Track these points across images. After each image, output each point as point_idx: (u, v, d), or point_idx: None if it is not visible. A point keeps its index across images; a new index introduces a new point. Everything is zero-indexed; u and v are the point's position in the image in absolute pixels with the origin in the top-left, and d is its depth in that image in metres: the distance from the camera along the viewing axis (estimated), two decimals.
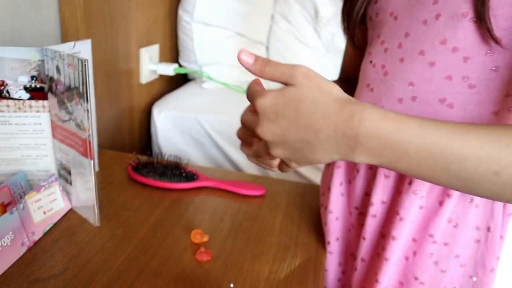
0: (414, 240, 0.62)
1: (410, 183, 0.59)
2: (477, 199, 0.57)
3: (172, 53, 1.59)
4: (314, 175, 1.30)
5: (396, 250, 0.62)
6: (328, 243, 0.72)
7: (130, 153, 0.95)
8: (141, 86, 1.36)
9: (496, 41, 0.48)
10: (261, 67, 0.46)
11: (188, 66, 1.58)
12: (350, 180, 0.68)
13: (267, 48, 1.73)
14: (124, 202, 0.78)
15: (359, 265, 0.68)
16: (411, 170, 0.43)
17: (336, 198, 0.70)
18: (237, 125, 1.35)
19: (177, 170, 0.85)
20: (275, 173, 1.31)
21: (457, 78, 0.53)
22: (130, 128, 1.33)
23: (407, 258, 0.63)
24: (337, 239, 0.72)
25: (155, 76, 1.44)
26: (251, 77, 1.66)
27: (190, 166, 0.89)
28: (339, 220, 0.71)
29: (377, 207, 0.64)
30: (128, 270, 0.60)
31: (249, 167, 1.33)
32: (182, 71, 1.48)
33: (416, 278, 0.63)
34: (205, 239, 0.68)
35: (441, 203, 0.58)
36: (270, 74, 0.45)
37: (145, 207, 0.76)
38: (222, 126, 1.31)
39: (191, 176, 0.85)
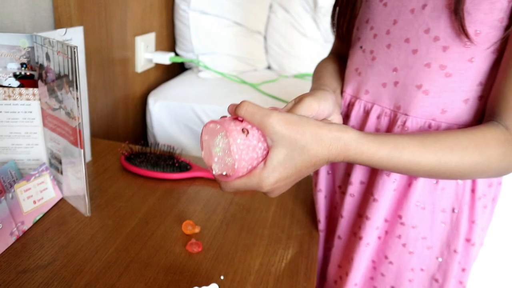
0: (386, 220, 0.65)
1: None
2: (442, 182, 0.60)
3: (169, 41, 1.57)
4: None
5: (370, 230, 0.65)
6: (319, 221, 0.74)
7: (122, 143, 0.94)
8: (137, 75, 1.35)
9: (466, 35, 0.51)
10: (238, 112, 0.48)
11: (185, 55, 1.56)
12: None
13: (265, 38, 1.72)
14: (116, 192, 0.77)
15: (336, 243, 0.72)
16: (392, 170, 0.52)
17: (323, 177, 0.73)
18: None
19: (170, 160, 0.84)
20: None
21: (435, 66, 0.55)
22: (125, 117, 1.32)
23: (379, 238, 0.66)
24: (326, 217, 0.75)
25: (151, 65, 1.42)
26: (248, 67, 1.65)
27: (183, 156, 0.88)
28: (327, 198, 0.74)
29: (355, 187, 0.67)
30: (117, 261, 0.60)
31: None
32: (178, 60, 1.47)
33: (386, 257, 0.66)
34: (197, 230, 0.67)
35: (409, 185, 0.61)
36: (247, 118, 0.48)
37: (137, 198, 0.76)
38: (218, 115, 1.30)
39: (184, 166, 0.84)
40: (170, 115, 1.34)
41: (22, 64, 0.68)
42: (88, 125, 0.85)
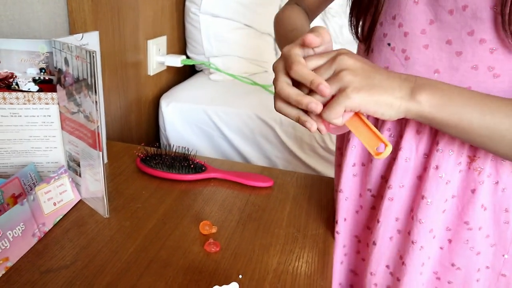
0: (448, 229, 0.63)
1: (436, 168, 0.60)
2: (501, 183, 0.59)
3: (180, 44, 1.59)
4: (322, 167, 1.30)
5: (423, 234, 0.63)
6: (336, 222, 0.73)
7: (138, 145, 0.95)
8: (149, 78, 1.37)
9: (506, 35, 0.50)
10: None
11: (196, 58, 1.58)
12: (363, 163, 0.69)
13: (275, 40, 1.73)
14: (132, 194, 0.78)
15: (370, 249, 0.69)
16: (453, 118, 0.49)
17: (347, 179, 0.71)
18: (246, 117, 1.35)
19: (185, 161, 0.85)
20: (283, 165, 1.31)
21: (483, 68, 0.54)
22: (138, 120, 1.33)
23: (441, 248, 0.65)
24: (345, 219, 0.73)
25: (162, 68, 1.44)
26: (259, 69, 1.66)
27: (198, 157, 0.89)
28: (349, 200, 0.72)
29: (394, 191, 0.65)
30: (137, 261, 0.61)
31: (257, 159, 1.34)
32: (190, 62, 1.48)
33: (453, 265, 0.65)
34: (214, 230, 0.68)
35: (473, 191, 0.60)
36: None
37: (154, 199, 0.77)
38: (230, 117, 1.31)
39: (199, 168, 0.85)
40: (183, 117, 1.35)
41: (41, 69, 0.69)
42: (104, 128, 0.86)
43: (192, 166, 0.84)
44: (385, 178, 0.67)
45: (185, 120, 1.35)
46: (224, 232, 0.69)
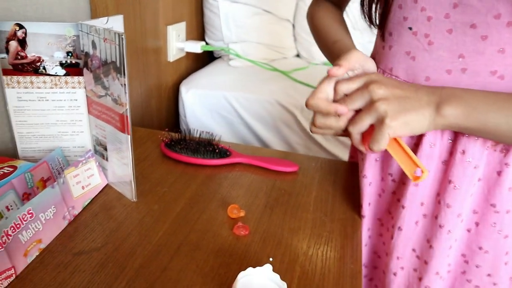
0: (474, 212, 0.63)
1: (463, 152, 0.59)
2: None
3: (198, 31, 1.58)
4: (343, 153, 1.29)
5: (451, 218, 0.63)
6: (361, 206, 0.74)
7: (161, 130, 0.95)
8: (169, 64, 1.36)
9: None
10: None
11: (214, 44, 1.57)
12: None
13: (293, 26, 1.70)
14: (158, 178, 0.78)
15: (396, 234, 0.69)
16: (479, 125, 0.51)
17: (370, 164, 0.71)
18: (266, 103, 1.34)
19: (209, 146, 0.84)
20: (303, 151, 1.30)
21: (510, 51, 0.53)
22: (158, 106, 1.33)
23: (469, 231, 0.65)
24: (369, 204, 0.74)
25: (182, 54, 1.43)
26: (278, 55, 1.64)
27: (222, 142, 0.89)
28: (372, 185, 0.73)
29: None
30: (167, 244, 0.61)
31: (278, 145, 1.33)
32: (210, 48, 1.47)
33: (480, 248, 0.64)
34: (242, 214, 0.68)
35: (499, 173, 0.59)
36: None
37: (180, 183, 0.77)
38: (250, 103, 1.30)
39: (224, 153, 0.84)
40: (203, 103, 1.35)
41: (67, 53, 0.69)
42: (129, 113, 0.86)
43: (217, 151, 0.84)
44: None
45: (205, 106, 1.35)
46: (252, 216, 0.68)
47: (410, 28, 0.61)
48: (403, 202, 0.67)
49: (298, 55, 1.76)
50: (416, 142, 0.64)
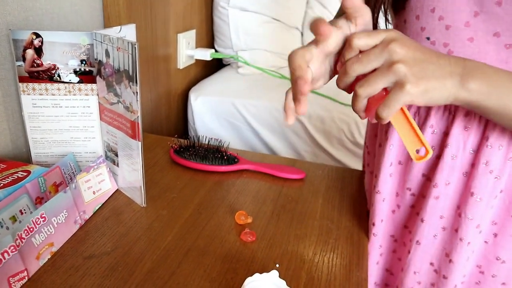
0: (494, 223, 0.62)
1: (486, 163, 0.58)
2: None
3: (208, 38, 1.60)
4: (350, 161, 1.29)
5: (471, 230, 0.62)
6: (373, 224, 0.71)
7: (171, 137, 0.96)
8: (178, 71, 1.38)
9: None
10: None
11: (223, 52, 1.59)
12: (400, 161, 0.67)
13: (302, 34, 1.72)
14: (167, 184, 0.79)
15: (413, 248, 0.67)
16: (498, 105, 0.49)
17: (385, 179, 0.69)
18: (274, 110, 1.35)
19: (218, 153, 0.86)
20: (311, 159, 1.31)
21: None
22: (168, 112, 1.35)
23: (486, 242, 0.64)
24: (382, 220, 0.71)
25: (191, 62, 1.45)
26: (286, 63, 1.66)
27: (230, 149, 0.90)
28: (386, 201, 0.70)
29: (440, 189, 0.63)
30: (176, 249, 0.62)
31: (285, 152, 1.34)
32: (219, 56, 1.49)
33: (498, 259, 0.64)
34: (249, 220, 0.69)
35: None
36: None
37: (188, 189, 0.78)
38: (258, 111, 1.32)
39: (232, 159, 0.86)
40: (211, 110, 1.36)
41: (82, 61, 0.71)
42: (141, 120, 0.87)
43: (225, 157, 0.85)
44: (427, 176, 0.65)
45: (213, 113, 1.36)
46: (259, 223, 0.70)
47: (428, 38, 0.59)
48: (422, 215, 0.65)
49: None
50: (438, 154, 0.62)
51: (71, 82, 0.72)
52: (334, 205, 0.77)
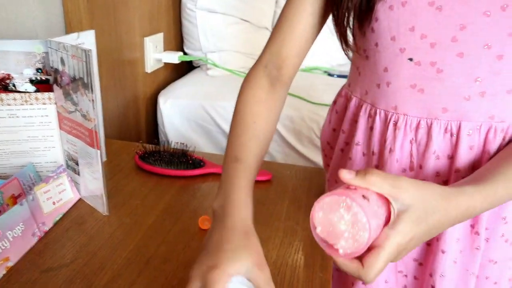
0: (487, 228, 0.61)
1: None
2: None
3: (177, 41, 1.59)
4: (321, 159, 1.30)
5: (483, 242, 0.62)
6: None
7: (137, 142, 0.95)
8: (146, 75, 1.37)
9: None
10: (363, 184, 0.44)
11: (193, 54, 1.58)
12: None
13: None
14: (132, 191, 0.78)
15: (438, 282, 0.63)
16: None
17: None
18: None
19: (183, 157, 0.85)
20: (282, 159, 1.31)
21: None
22: (136, 117, 1.33)
23: (487, 240, 0.63)
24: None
25: (160, 65, 1.44)
26: None
27: (196, 153, 0.89)
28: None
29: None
30: (137, 258, 0.61)
31: None
32: (187, 58, 1.48)
33: (490, 260, 0.64)
34: None
35: None
36: (374, 188, 0.44)
37: (153, 195, 0.77)
38: (228, 113, 1.31)
39: (197, 163, 0.85)
40: (181, 114, 1.35)
41: (37, 70, 0.70)
42: (102, 126, 0.86)
43: (190, 161, 0.85)
44: None
45: (183, 117, 1.35)
46: None
47: (411, 59, 0.56)
48: (441, 247, 0.62)
49: None
50: (446, 180, 0.61)
51: (27, 92, 0.70)
52: (301, 206, 0.77)
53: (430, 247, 0.65)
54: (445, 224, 0.46)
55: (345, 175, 0.43)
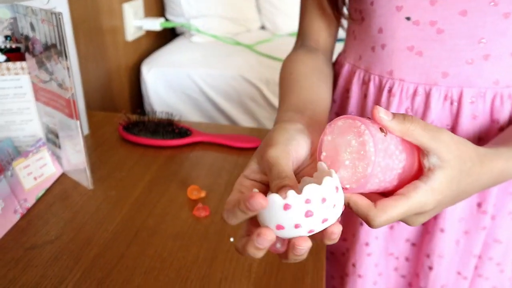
0: (494, 205, 0.59)
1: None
2: None
3: (157, 7, 1.53)
4: None
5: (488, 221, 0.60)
6: (367, 244, 0.65)
7: (118, 113, 0.92)
8: (128, 44, 1.31)
9: None
10: (399, 129, 0.36)
11: (175, 20, 1.52)
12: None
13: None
14: (117, 163, 0.75)
15: (436, 262, 0.62)
16: None
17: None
18: (231, 79, 1.31)
19: (169, 127, 0.82)
20: (271, 125, 1.29)
21: None
22: (120, 88, 1.29)
23: (493, 217, 0.61)
24: (376, 237, 0.65)
25: (141, 33, 1.38)
26: (241, 28, 1.61)
27: (183, 122, 0.86)
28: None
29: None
30: (124, 231, 0.59)
31: (245, 121, 1.31)
32: (169, 25, 1.42)
33: (496, 240, 0.61)
34: (202, 194, 0.66)
35: None
36: (409, 138, 0.37)
37: (139, 167, 0.74)
38: (214, 80, 1.28)
39: (184, 132, 0.82)
40: (166, 83, 1.31)
41: (6, 37, 0.65)
42: (82, 97, 0.82)
43: (176, 131, 0.82)
44: None
45: (168, 86, 1.31)
46: (213, 196, 0.67)
47: (408, 18, 0.51)
48: (441, 225, 0.59)
49: (263, 27, 1.73)
50: None
51: None
52: None
53: (424, 226, 0.62)
54: (474, 190, 0.41)
55: (381, 113, 0.35)
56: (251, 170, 0.39)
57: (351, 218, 0.67)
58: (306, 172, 0.39)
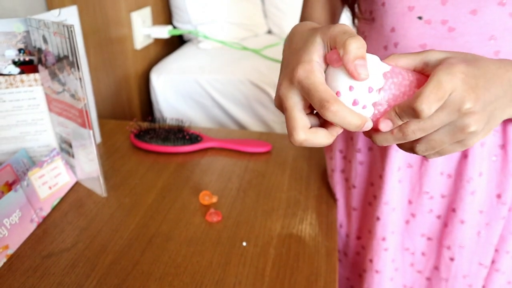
0: (498, 196, 0.59)
1: None
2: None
3: (165, 15, 1.54)
4: None
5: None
6: (383, 239, 0.65)
7: (130, 121, 0.93)
8: (136, 52, 1.33)
9: None
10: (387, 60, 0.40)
11: (182, 27, 1.53)
12: (410, 164, 0.61)
13: (263, 2, 1.67)
14: (129, 171, 0.77)
15: (457, 253, 0.62)
16: None
17: (392, 187, 0.62)
18: (239, 83, 1.32)
19: (180, 133, 0.83)
20: (281, 129, 1.29)
21: None
22: (129, 96, 1.30)
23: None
24: (393, 232, 0.65)
25: (149, 41, 1.39)
26: (248, 33, 1.62)
27: (193, 128, 0.87)
28: (396, 211, 0.64)
29: (477, 182, 0.58)
30: (139, 237, 0.60)
31: (254, 125, 1.32)
32: (177, 32, 1.44)
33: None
34: (214, 200, 0.67)
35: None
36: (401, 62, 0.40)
37: (151, 174, 0.76)
38: (223, 85, 1.29)
39: (195, 138, 0.83)
40: (175, 89, 1.32)
41: (19, 50, 0.67)
42: (94, 106, 0.84)
43: (187, 137, 0.83)
44: (449, 175, 0.59)
45: (177, 92, 1.32)
46: (225, 201, 0.68)
47: (420, 18, 0.53)
48: (461, 216, 0.60)
49: (269, 32, 1.73)
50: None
51: (11, 74, 0.67)
52: (302, 176, 0.76)
53: (440, 220, 0.62)
54: (501, 68, 0.40)
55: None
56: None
57: (366, 215, 0.67)
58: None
